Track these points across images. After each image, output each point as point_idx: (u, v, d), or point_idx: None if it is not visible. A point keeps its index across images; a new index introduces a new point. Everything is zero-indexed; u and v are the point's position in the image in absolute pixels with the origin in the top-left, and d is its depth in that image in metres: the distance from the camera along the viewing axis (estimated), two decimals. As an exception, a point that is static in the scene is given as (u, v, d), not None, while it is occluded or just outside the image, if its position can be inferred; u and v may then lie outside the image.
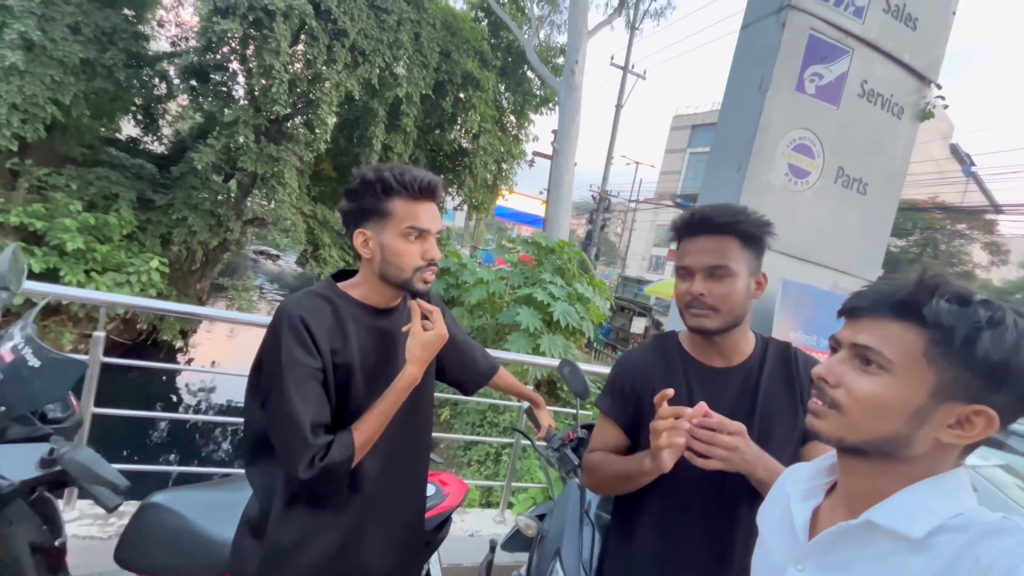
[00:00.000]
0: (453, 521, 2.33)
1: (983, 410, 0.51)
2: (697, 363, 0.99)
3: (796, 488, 0.68)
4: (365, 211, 0.95)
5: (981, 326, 0.50)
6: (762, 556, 0.71)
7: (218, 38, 8.48)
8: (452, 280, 7.66)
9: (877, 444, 0.55)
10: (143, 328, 10.04)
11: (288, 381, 0.87)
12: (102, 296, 1.76)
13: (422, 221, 0.94)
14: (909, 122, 2.25)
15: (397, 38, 9.73)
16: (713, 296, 0.91)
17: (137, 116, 10.87)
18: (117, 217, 8.50)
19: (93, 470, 0.85)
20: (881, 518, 0.54)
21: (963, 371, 0.51)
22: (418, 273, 0.96)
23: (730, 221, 0.91)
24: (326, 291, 0.98)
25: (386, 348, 1.00)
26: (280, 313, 0.92)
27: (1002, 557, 0.45)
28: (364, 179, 0.93)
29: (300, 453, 0.85)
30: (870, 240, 2.26)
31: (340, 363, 0.93)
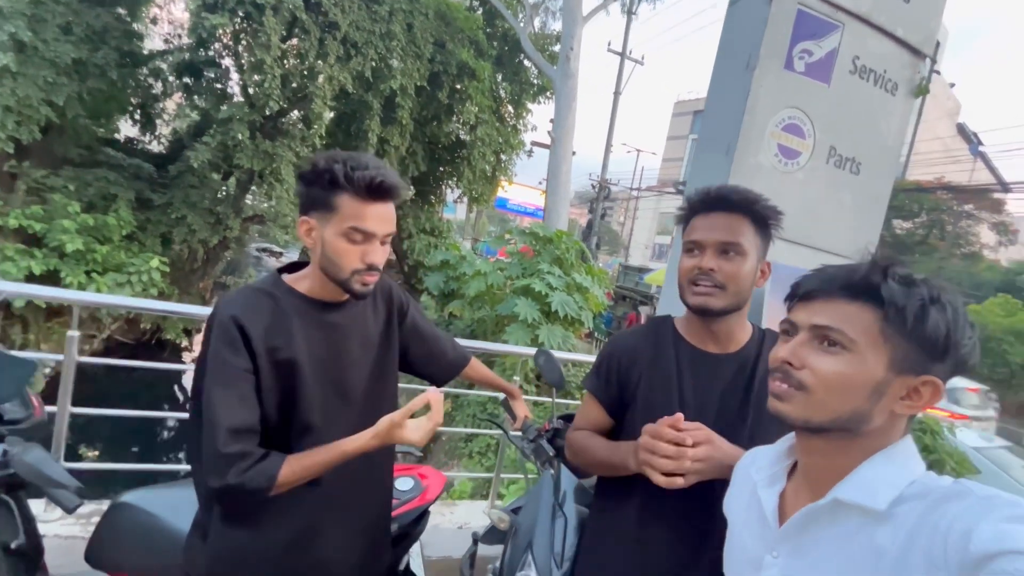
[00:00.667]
0: (442, 514, 2.34)
1: (930, 379, 0.55)
2: (690, 346, 0.96)
3: (760, 475, 0.68)
4: (313, 200, 0.89)
5: (927, 303, 0.55)
6: (734, 546, 0.71)
7: (208, 34, 8.41)
8: (452, 272, 7.65)
9: (841, 421, 0.57)
10: (146, 327, 10.11)
11: (212, 383, 0.83)
12: (71, 295, 1.74)
13: (367, 223, 0.88)
14: (903, 98, 2.19)
15: (389, 29, 9.62)
16: (723, 273, 0.89)
17: (134, 116, 10.86)
18: (116, 217, 8.52)
19: (42, 471, 0.83)
20: (846, 494, 0.56)
21: (914, 345, 0.55)
22: (356, 275, 0.91)
23: (746, 199, 0.90)
24: (268, 286, 0.93)
25: (336, 342, 0.96)
26: (212, 313, 0.88)
27: (958, 520, 0.48)
28: (315, 166, 0.88)
29: (210, 461, 0.81)
30: (864, 221, 2.21)
31: (282, 360, 0.88)
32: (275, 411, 0.90)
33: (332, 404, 0.95)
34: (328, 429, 0.92)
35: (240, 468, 0.80)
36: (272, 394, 0.89)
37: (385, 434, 0.86)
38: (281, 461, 0.84)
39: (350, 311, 0.98)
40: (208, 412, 0.83)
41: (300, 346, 0.90)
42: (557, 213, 9.05)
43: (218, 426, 0.81)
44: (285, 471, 0.83)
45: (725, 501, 0.76)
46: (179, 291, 10.14)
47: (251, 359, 0.86)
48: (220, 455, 0.80)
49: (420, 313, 1.16)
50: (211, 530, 0.90)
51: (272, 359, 0.88)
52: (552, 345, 5.64)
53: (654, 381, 0.95)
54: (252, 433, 0.85)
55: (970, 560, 0.45)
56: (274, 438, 0.89)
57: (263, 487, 0.82)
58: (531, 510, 1.12)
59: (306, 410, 0.91)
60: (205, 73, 9.76)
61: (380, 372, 1.01)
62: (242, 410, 0.83)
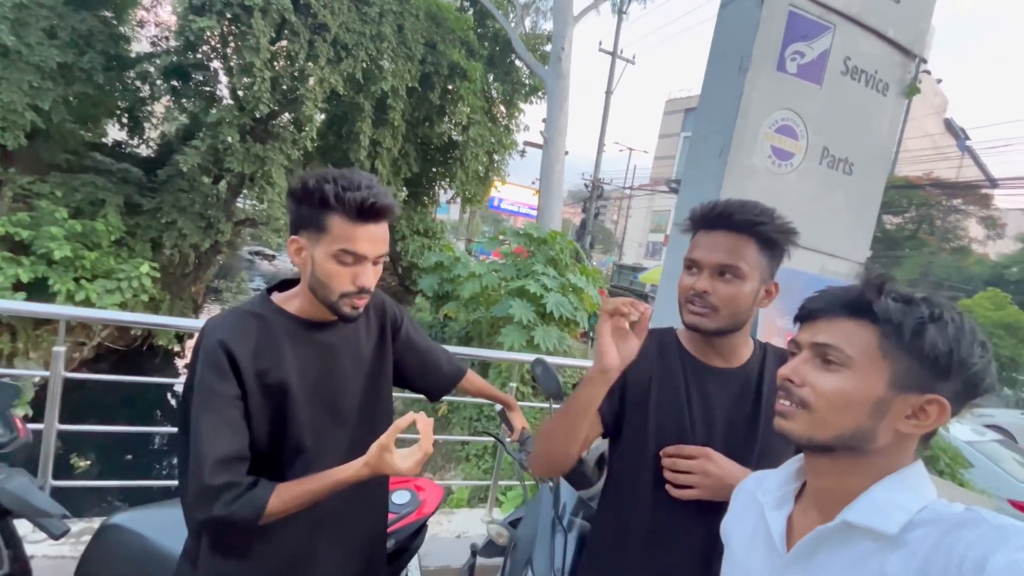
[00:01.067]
0: (440, 523, 2.32)
1: (935, 399, 0.55)
2: (696, 361, 0.94)
3: (767, 497, 0.67)
4: (303, 219, 0.87)
5: (925, 320, 0.55)
6: (734, 570, 0.70)
7: (196, 36, 8.33)
8: (446, 274, 7.62)
9: (844, 439, 0.57)
10: (137, 334, 9.99)
11: (199, 411, 0.81)
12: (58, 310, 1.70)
13: (359, 246, 0.86)
14: (895, 99, 2.19)
15: (380, 30, 9.57)
16: (717, 296, 0.86)
17: (121, 120, 10.72)
18: (105, 223, 8.41)
19: (26, 500, 0.81)
20: (856, 517, 0.55)
21: (914, 362, 0.55)
22: (345, 299, 0.89)
23: (751, 220, 0.86)
24: (257, 307, 0.91)
25: (328, 361, 0.94)
26: (200, 336, 0.86)
27: (972, 548, 0.47)
28: (305, 185, 0.85)
29: (196, 493, 0.78)
30: (858, 221, 2.22)
31: (271, 383, 0.86)
32: (266, 435, 0.87)
33: (324, 426, 0.93)
34: (320, 451, 0.90)
35: (226, 500, 0.78)
36: (262, 418, 0.86)
37: (376, 462, 0.83)
38: (270, 491, 0.82)
39: (341, 330, 0.96)
40: (195, 443, 0.80)
41: (290, 368, 0.88)
42: (551, 213, 9.05)
43: (205, 457, 0.78)
44: (274, 501, 0.81)
45: (723, 524, 0.75)
46: (171, 296, 10.04)
47: (239, 384, 0.83)
48: (206, 487, 0.78)
49: (414, 326, 1.14)
50: (200, 558, 0.88)
51: (261, 382, 0.86)
52: (548, 346, 5.64)
53: (663, 395, 0.92)
54: (240, 461, 0.82)
55: None
56: (265, 462, 0.87)
57: (250, 518, 0.79)
58: (530, 524, 1.11)
59: (297, 433, 0.89)
60: (193, 76, 9.66)
61: (374, 391, 0.99)
62: (229, 438, 0.81)
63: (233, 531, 0.80)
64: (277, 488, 0.82)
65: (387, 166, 10.94)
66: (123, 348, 9.85)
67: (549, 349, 5.65)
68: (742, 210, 0.87)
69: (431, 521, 2.23)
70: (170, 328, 9.18)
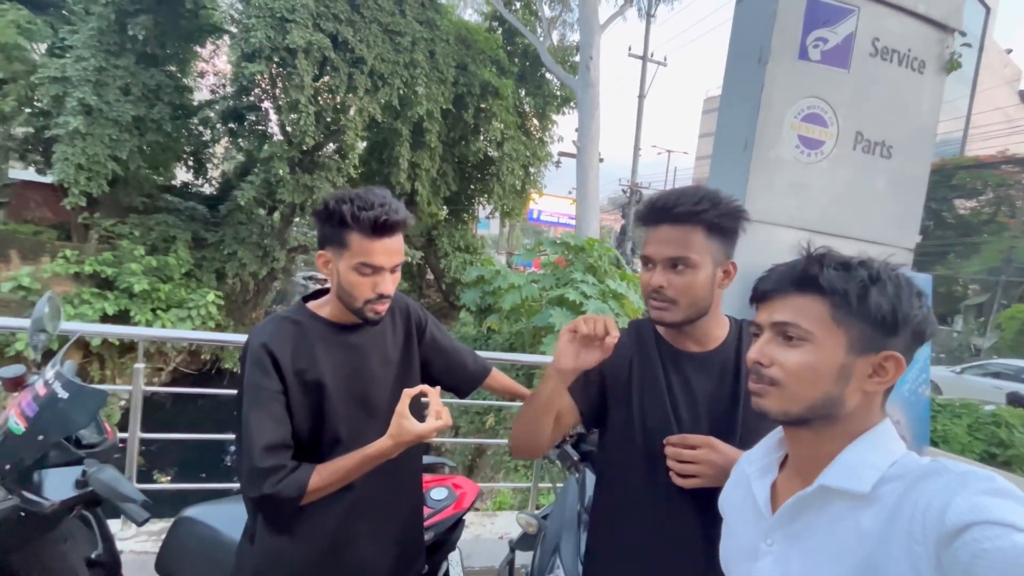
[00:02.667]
0: (483, 524, 2.38)
1: (890, 355, 0.58)
2: (672, 348, 0.96)
3: (752, 467, 0.71)
4: (327, 236, 0.98)
5: (866, 283, 0.58)
6: (729, 541, 0.73)
7: (248, 81, 9.05)
8: (487, 287, 7.75)
9: (816, 409, 0.60)
10: (207, 358, 10.77)
11: (248, 404, 0.92)
12: (134, 331, 1.93)
13: (375, 259, 0.95)
14: (934, 75, 2.10)
15: (413, 58, 10.01)
16: (673, 288, 0.88)
17: (188, 162, 11.77)
18: (176, 257, 9.22)
19: (114, 487, 0.94)
20: (832, 480, 0.58)
21: (865, 325, 0.58)
22: (369, 305, 0.98)
23: (692, 211, 0.86)
24: (294, 314, 1.02)
25: (357, 361, 1.03)
26: (247, 342, 0.98)
27: (935, 496, 0.49)
28: (326, 207, 0.95)
29: (248, 475, 0.89)
30: (902, 205, 2.12)
31: (309, 381, 0.96)
32: (306, 427, 0.97)
33: (357, 418, 1.02)
34: (355, 441, 0.99)
35: (274, 480, 0.88)
36: (302, 412, 0.97)
37: (396, 431, 0.91)
38: (310, 471, 0.91)
39: (369, 331, 1.06)
40: (245, 432, 0.91)
41: (324, 367, 0.98)
42: (588, 221, 9.03)
43: (254, 444, 0.89)
44: (314, 479, 0.91)
45: (720, 497, 0.77)
46: (234, 322, 10.78)
47: (281, 380, 0.94)
48: (256, 469, 0.88)
49: (439, 328, 1.22)
50: (257, 535, 0.99)
51: (300, 380, 0.96)
52: (590, 354, 5.60)
53: (644, 383, 0.95)
54: (285, 448, 0.93)
55: (946, 533, 0.46)
56: (307, 451, 0.97)
57: (295, 495, 0.89)
58: (558, 515, 1.15)
59: (333, 425, 0.99)
60: (247, 117, 10.47)
61: (401, 387, 1.07)
62: (275, 428, 0.92)
63: (282, 507, 0.90)
64: (317, 468, 0.92)
65: (426, 187, 11.33)
66: (195, 372, 10.65)
67: (592, 356, 5.61)
68: (682, 201, 0.87)
69: (475, 522, 2.29)
70: (230, 343, 9.85)
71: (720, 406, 0.91)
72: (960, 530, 0.45)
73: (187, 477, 7.68)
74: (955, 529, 0.46)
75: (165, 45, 9.63)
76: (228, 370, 11.03)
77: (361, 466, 0.93)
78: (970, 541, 0.44)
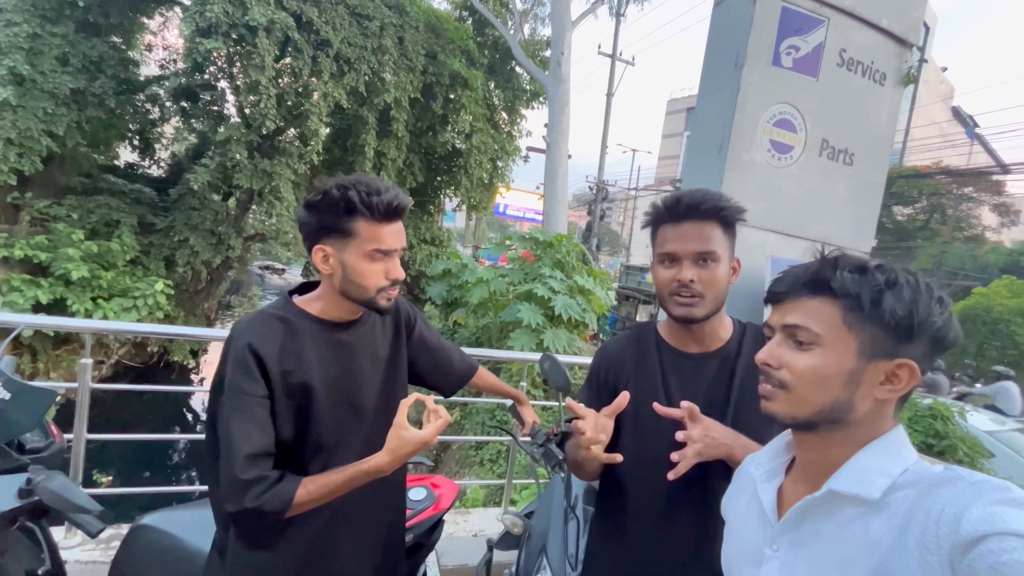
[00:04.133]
0: (456, 522, 2.35)
1: (904, 363, 0.56)
2: (672, 350, 0.99)
3: (759, 471, 0.70)
4: (326, 227, 0.92)
5: (882, 288, 0.56)
6: (732, 544, 0.72)
7: (203, 58, 8.52)
8: (454, 281, 7.67)
9: (825, 413, 0.59)
10: (154, 350, 10.17)
11: (229, 410, 0.86)
12: (83, 323, 1.77)
13: (387, 243, 0.92)
14: (892, 88, 2.21)
15: (381, 44, 9.72)
16: (702, 282, 0.91)
17: (133, 142, 10.99)
18: (119, 243, 8.61)
19: (66, 497, 0.86)
20: (841, 486, 0.57)
21: (878, 330, 0.57)
22: (381, 293, 0.94)
23: (715, 207, 0.91)
24: (280, 310, 0.96)
25: (347, 360, 0.98)
26: (229, 339, 0.91)
27: (949, 505, 0.48)
28: (327, 195, 0.89)
29: (228, 487, 0.83)
30: (860, 210, 2.23)
31: (295, 383, 0.91)
32: (290, 431, 0.92)
33: (345, 422, 0.97)
34: (341, 446, 0.95)
35: (256, 492, 0.82)
36: (287, 416, 0.91)
37: (396, 444, 0.87)
38: (297, 484, 0.86)
39: (359, 330, 1.01)
40: (225, 439, 0.85)
41: (312, 367, 0.93)
42: (556, 217, 9.09)
43: (235, 453, 0.83)
44: (301, 493, 0.85)
45: (724, 500, 0.77)
46: (184, 312, 10.21)
47: (266, 384, 0.88)
48: (237, 481, 0.82)
49: (427, 325, 1.18)
50: (229, 550, 0.92)
51: (286, 382, 0.90)
52: (557, 348, 5.65)
53: (640, 386, 0.97)
54: (268, 456, 0.87)
55: (960, 543, 0.45)
56: (288, 456, 0.91)
57: (279, 510, 0.84)
58: (544, 514, 1.14)
59: (319, 429, 0.93)
60: (201, 96, 9.89)
61: (390, 388, 1.03)
62: (258, 436, 0.86)
63: (262, 522, 0.84)
64: (304, 481, 0.87)
65: (392, 177, 11.07)
66: (140, 365, 10.03)
67: (559, 351, 5.67)
68: (705, 199, 0.92)
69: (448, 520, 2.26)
70: (191, 338, 9.35)
71: (714, 404, 0.93)
72: (975, 541, 0.44)
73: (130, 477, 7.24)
74: (970, 540, 0.45)
75: (109, 14, 8.92)
76: (177, 363, 10.45)
77: (352, 481, 0.88)
78: (986, 553, 0.43)
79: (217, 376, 0.91)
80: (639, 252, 32.72)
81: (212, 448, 0.90)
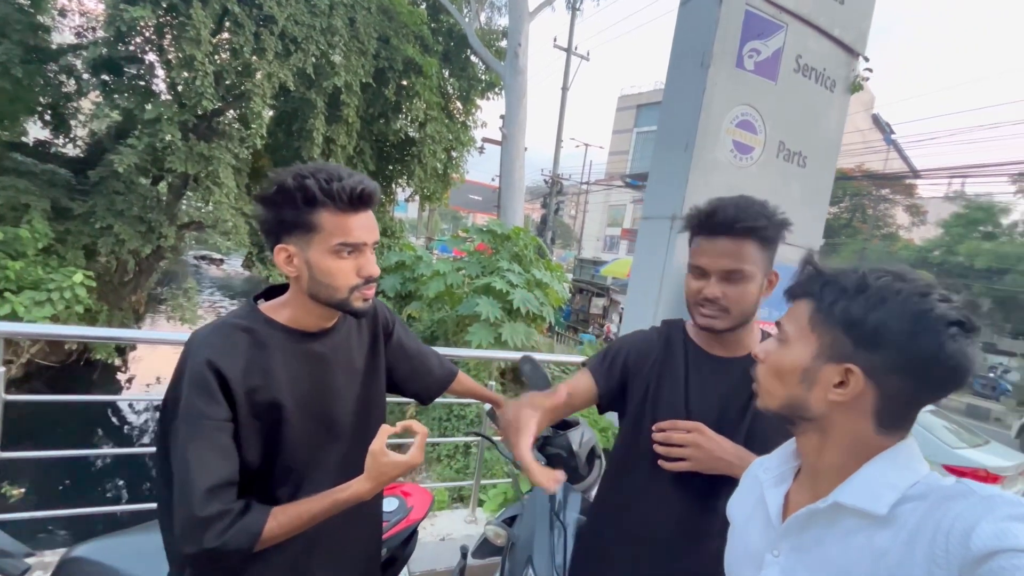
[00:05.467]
0: (423, 526, 2.29)
1: (851, 368, 0.56)
2: (698, 349, 0.99)
3: (767, 475, 0.70)
4: (286, 224, 0.81)
5: (848, 292, 0.57)
6: (736, 546, 0.72)
7: (128, 27, 7.75)
8: (408, 274, 7.49)
9: (784, 407, 0.62)
10: (72, 348, 9.26)
11: (186, 438, 0.75)
12: None
13: (355, 235, 0.82)
14: (841, 95, 2.32)
15: (330, 24, 9.24)
16: (728, 299, 0.90)
17: (44, 117, 9.84)
18: (30, 229, 7.71)
19: (-17, 539, 0.72)
20: (847, 498, 0.56)
21: (838, 333, 0.57)
22: (355, 292, 0.85)
23: (751, 227, 0.88)
24: (244, 319, 0.85)
25: (320, 373, 0.89)
26: (185, 353, 0.80)
27: (959, 519, 0.48)
28: (282, 187, 0.79)
29: (184, 525, 0.73)
30: (810, 211, 2.34)
31: (262, 401, 0.81)
32: (257, 454, 0.82)
33: (317, 441, 0.88)
34: (314, 468, 0.86)
35: (218, 530, 0.72)
36: (254, 439, 0.81)
37: (376, 472, 0.80)
38: (265, 516, 0.76)
39: (334, 339, 0.91)
40: (181, 472, 0.74)
41: (282, 383, 0.83)
42: (512, 209, 9.06)
43: (194, 487, 0.72)
44: (271, 525, 0.76)
45: (730, 503, 0.77)
46: (108, 307, 9.36)
47: (230, 405, 0.78)
48: (195, 519, 0.72)
49: (405, 329, 1.11)
50: None
51: (251, 400, 0.80)
52: (515, 343, 5.65)
53: (663, 380, 0.97)
54: (231, 486, 0.77)
55: (971, 558, 0.45)
56: (255, 482, 0.82)
57: (245, 547, 0.74)
58: (528, 522, 1.10)
59: (290, 451, 0.84)
60: (126, 70, 8.99)
61: (367, 400, 0.95)
62: (219, 464, 0.75)
63: (226, 561, 0.74)
64: (273, 512, 0.77)
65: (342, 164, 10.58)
66: (55, 364, 9.10)
67: (517, 345, 5.67)
68: (741, 216, 0.88)
69: (413, 525, 2.19)
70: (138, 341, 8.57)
71: (732, 410, 0.94)
72: (985, 556, 0.44)
73: (46, 491, 6.56)
74: (980, 555, 0.44)
75: (12, -29, 7.92)
76: (100, 361, 9.56)
77: (329, 510, 0.80)
78: (997, 570, 0.43)
79: (170, 395, 0.80)
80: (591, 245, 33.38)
81: (163, 474, 0.79)
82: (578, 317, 16.91)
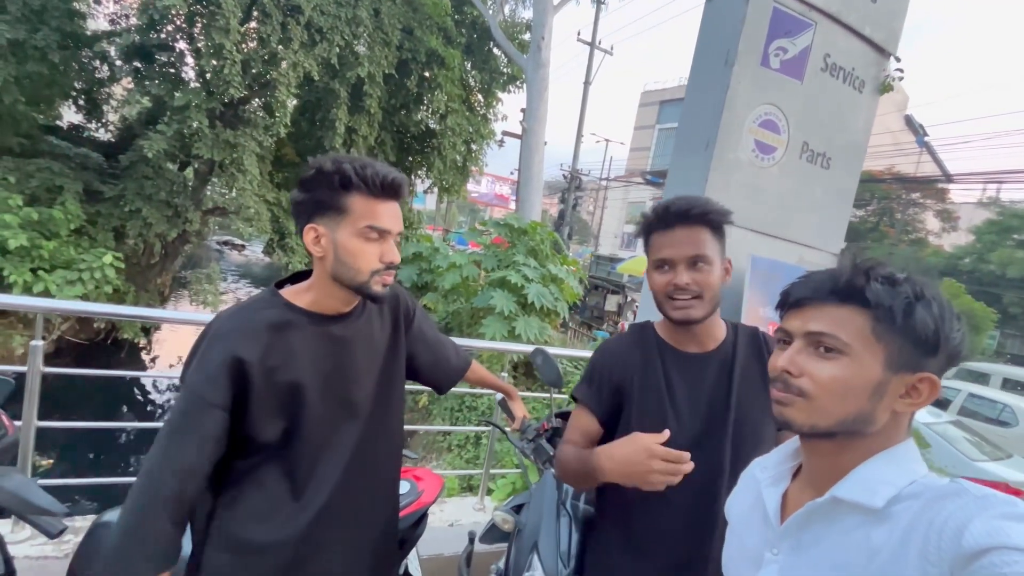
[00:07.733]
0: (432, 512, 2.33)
1: (926, 376, 0.56)
2: (673, 350, 1.01)
3: (765, 474, 0.70)
4: (319, 204, 0.86)
5: (912, 300, 0.56)
6: (733, 546, 0.73)
7: (160, 15, 7.93)
8: (425, 265, 7.55)
9: (846, 424, 0.58)
10: (100, 327, 9.59)
11: (174, 414, 0.81)
12: (36, 303, 1.61)
13: (383, 221, 0.87)
14: (870, 96, 2.27)
15: (356, 14, 9.31)
16: (697, 284, 0.94)
17: (78, 101, 10.16)
18: (63, 211, 7.99)
19: (25, 499, 0.78)
20: (844, 493, 0.57)
21: (906, 343, 0.56)
22: (375, 276, 0.89)
23: (704, 212, 0.95)
24: (265, 304, 0.89)
25: (341, 355, 0.92)
26: (203, 335, 0.85)
27: (952, 517, 0.48)
28: (321, 169, 0.85)
29: None
30: (833, 214, 2.30)
31: (282, 381, 0.85)
32: (277, 432, 0.87)
33: (337, 420, 0.92)
34: (332, 445, 0.90)
35: None
36: (274, 416, 0.85)
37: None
38: None
39: (355, 323, 0.95)
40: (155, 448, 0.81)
41: (303, 365, 0.87)
42: (530, 203, 9.05)
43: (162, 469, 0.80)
44: None
45: (727, 502, 0.77)
46: (136, 288, 9.65)
47: (244, 389, 0.83)
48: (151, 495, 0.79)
49: (426, 318, 1.14)
50: (204, 558, 0.86)
51: (271, 381, 0.84)
52: (529, 337, 5.67)
53: (646, 387, 0.98)
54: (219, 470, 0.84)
55: (963, 555, 0.45)
56: (275, 456, 0.86)
57: None
58: (535, 509, 1.13)
59: (310, 429, 0.88)
60: (157, 57, 9.21)
61: (387, 383, 0.98)
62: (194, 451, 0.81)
63: None
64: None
65: (363, 154, 10.70)
66: (85, 342, 9.44)
67: (531, 339, 5.69)
68: (692, 206, 0.96)
69: (423, 510, 2.24)
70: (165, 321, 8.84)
71: (717, 404, 0.95)
72: (977, 554, 0.44)
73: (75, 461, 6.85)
74: (972, 553, 0.45)
75: (52, -41, 8.15)
76: (127, 340, 9.89)
77: None
78: (988, 566, 0.43)
79: (184, 371, 0.85)
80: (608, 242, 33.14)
81: None
82: (592, 314, 16.85)
